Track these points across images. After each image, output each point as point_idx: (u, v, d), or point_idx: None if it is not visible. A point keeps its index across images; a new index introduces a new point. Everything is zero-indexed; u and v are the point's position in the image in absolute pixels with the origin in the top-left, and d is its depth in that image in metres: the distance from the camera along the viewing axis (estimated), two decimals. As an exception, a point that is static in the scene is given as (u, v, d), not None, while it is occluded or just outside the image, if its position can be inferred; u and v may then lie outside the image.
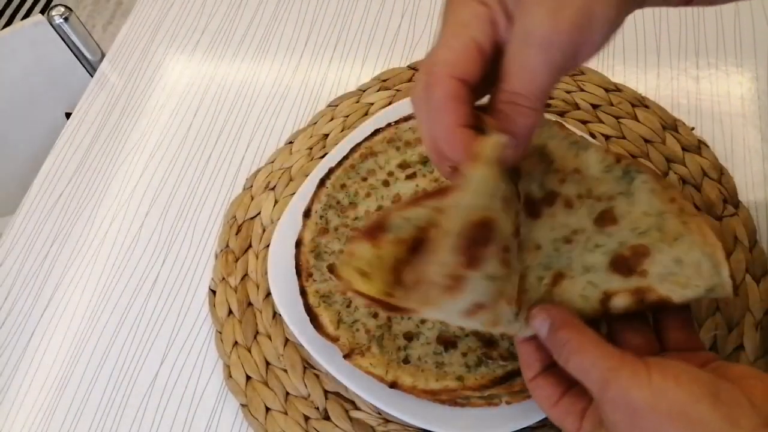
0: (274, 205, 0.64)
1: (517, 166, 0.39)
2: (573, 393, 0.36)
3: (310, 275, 0.55)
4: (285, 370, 0.56)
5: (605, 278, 0.38)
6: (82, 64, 0.91)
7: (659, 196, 0.39)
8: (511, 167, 0.36)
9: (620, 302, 0.37)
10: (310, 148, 0.68)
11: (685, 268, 0.37)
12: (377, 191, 0.59)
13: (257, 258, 0.62)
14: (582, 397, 0.36)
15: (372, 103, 0.70)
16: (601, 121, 0.64)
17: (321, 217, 0.58)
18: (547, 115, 0.60)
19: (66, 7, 0.88)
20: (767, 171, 0.60)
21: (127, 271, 0.64)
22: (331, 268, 0.56)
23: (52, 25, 0.88)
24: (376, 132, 0.61)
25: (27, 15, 2.27)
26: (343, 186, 0.59)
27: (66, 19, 0.87)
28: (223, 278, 0.61)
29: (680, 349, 0.38)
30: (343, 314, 0.53)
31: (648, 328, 0.39)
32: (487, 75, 0.34)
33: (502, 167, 0.33)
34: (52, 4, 2.10)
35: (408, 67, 0.72)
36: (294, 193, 0.62)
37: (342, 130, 0.68)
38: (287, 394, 0.55)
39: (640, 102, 0.65)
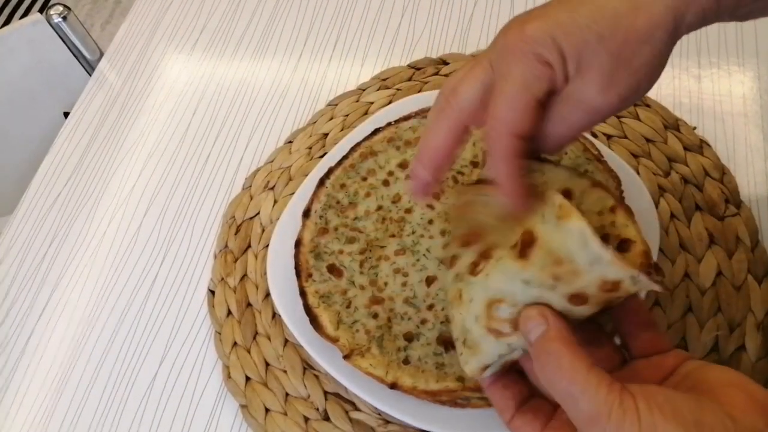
0: (274, 205, 0.64)
1: None
2: (553, 425, 0.36)
3: (310, 275, 0.55)
4: (284, 371, 0.56)
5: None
6: (80, 63, 0.91)
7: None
8: None
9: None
10: (310, 148, 0.67)
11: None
12: (377, 191, 0.58)
13: (256, 258, 0.61)
14: (565, 427, 0.35)
15: (372, 103, 0.69)
16: (602, 121, 0.64)
17: (321, 216, 0.58)
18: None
19: (64, 6, 0.88)
20: (769, 170, 0.60)
21: (126, 271, 0.64)
22: (331, 268, 0.55)
23: (50, 24, 0.87)
24: (376, 131, 0.61)
25: (25, 14, 2.26)
26: (342, 186, 0.59)
27: (64, 18, 0.87)
28: (222, 278, 0.61)
29: (648, 354, 0.37)
30: (342, 315, 0.53)
31: (608, 338, 0.39)
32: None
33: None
34: (51, 3, 2.10)
35: (408, 66, 0.72)
36: (293, 193, 0.61)
37: (341, 130, 0.68)
38: (287, 394, 0.55)
39: (641, 101, 0.65)
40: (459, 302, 0.39)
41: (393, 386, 0.49)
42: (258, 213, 0.64)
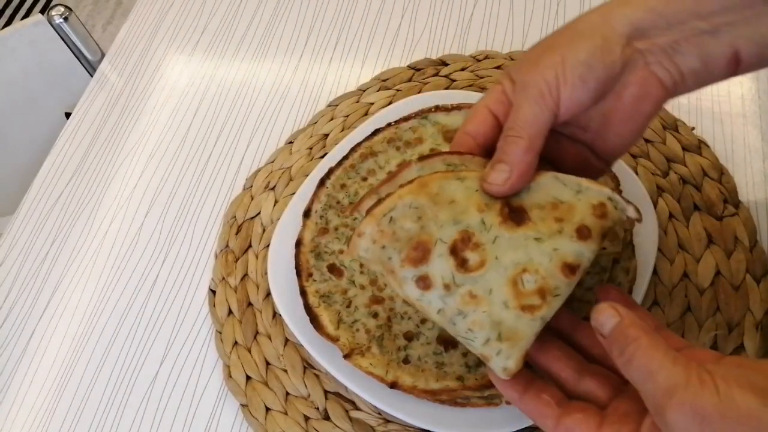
0: (274, 205, 0.64)
1: None
2: (611, 420, 0.36)
3: (310, 275, 0.55)
4: (285, 371, 0.56)
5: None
6: (81, 64, 0.91)
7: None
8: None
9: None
10: (310, 148, 0.68)
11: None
12: (377, 191, 0.58)
13: (257, 258, 0.62)
14: (626, 421, 0.36)
15: (372, 103, 0.70)
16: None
17: (321, 217, 0.58)
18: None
19: (66, 6, 0.88)
20: (767, 171, 0.60)
21: (127, 271, 0.64)
22: (332, 268, 0.56)
23: (51, 24, 0.88)
24: (376, 132, 0.61)
25: (27, 15, 2.27)
26: (343, 186, 0.59)
27: (66, 19, 0.87)
28: (223, 278, 0.61)
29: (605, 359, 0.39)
30: (343, 314, 0.53)
31: (567, 354, 0.40)
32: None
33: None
34: (52, 3, 2.10)
35: (408, 66, 0.72)
36: (294, 193, 0.62)
37: (342, 130, 0.68)
38: (287, 394, 0.55)
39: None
40: (476, 303, 0.39)
41: (393, 385, 0.49)
42: (259, 213, 0.64)
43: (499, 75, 0.43)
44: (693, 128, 0.63)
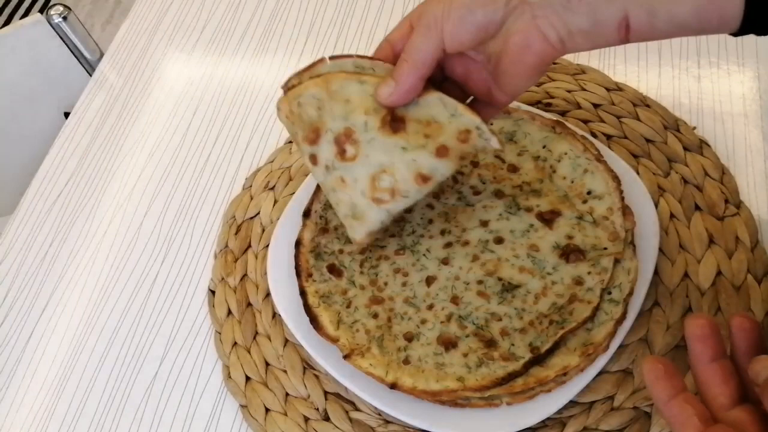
0: (274, 205, 0.64)
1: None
2: None
3: (310, 275, 0.55)
4: (285, 371, 0.56)
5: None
6: (80, 63, 0.91)
7: None
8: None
9: None
10: (310, 148, 0.67)
11: None
12: (377, 191, 0.58)
13: (257, 258, 0.61)
14: None
15: (372, 103, 0.69)
16: (602, 121, 0.64)
17: (321, 216, 0.58)
18: (546, 114, 0.60)
19: (65, 6, 0.88)
20: (769, 170, 0.60)
21: (126, 271, 0.64)
22: (331, 268, 0.55)
23: (50, 24, 0.87)
24: (376, 131, 0.61)
25: (26, 14, 2.26)
26: (342, 186, 0.59)
27: (65, 18, 0.87)
28: (223, 278, 0.61)
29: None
30: (342, 315, 0.53)
31: (732, 379, 0.37)
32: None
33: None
34: (51, 3, 2.10)
35: (408, 66, 0.72)
36: (294, 193, 0.61)
37: (342, 130, 0.68)
38: (287, 394, 0.55)
39: (641, 101, 0.65)
40: (344, 186, 0.49)
41: (393, 386, 0.49)
42: (258, 213, 0.64)
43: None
44: (694, 128, 0.63)
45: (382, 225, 0.50)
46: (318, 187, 0.59)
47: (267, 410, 0.54)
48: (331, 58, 0.48)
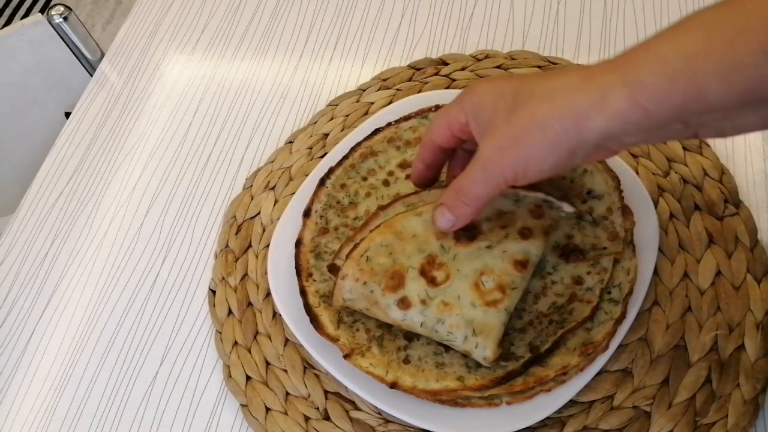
0: (274, 205, 0.64)
1: None
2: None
3: (310, 275, 0.55)
4: (285, 371, 0.56)
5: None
6: (81, 63, 0.91)
7: None
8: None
9: None
10: (310, 148, 0.68)
11: None
12: (377, 191, 0.58)
13: (257, 258, 0.61)
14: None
15: (372, 103, 0.70)
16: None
17: (321, 216, 0.58)
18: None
19: (65, 6, 0.88)
20: (768, 170, 0.60)
21: (127, 271, 0.64)
22: (331, 268, 0.55)
23: (51, 24, 0.87)
24: (377, 131, 0.61)
25: (26, 14, 2.27)
26: (343, 186, 0.59)
27: (65, 19, 0.87)
28: (223, 278, 0.61)
29: None
30: (343, 314, 0.53)
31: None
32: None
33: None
34: (52, 3, 2.10)
35: (408, 66, 0.72)
36: (294, 193, 0.62)
37: (342, 130, 0.68)
38: (287, 394, 0.55)
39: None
40: (449, 309, 0.47)
41: (393, 386, 0.49)
42: (259, 213, 0.64)
43: (461, 100, 0.46)
44: (693, 128, 0.63)
45: (504, 328, 0.48)
46: (318, 187, 0.59)
47: (267, 410, 0.54)
48: (380, 208, 0.52)
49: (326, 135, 0.68)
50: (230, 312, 0.59)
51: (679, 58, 0.34)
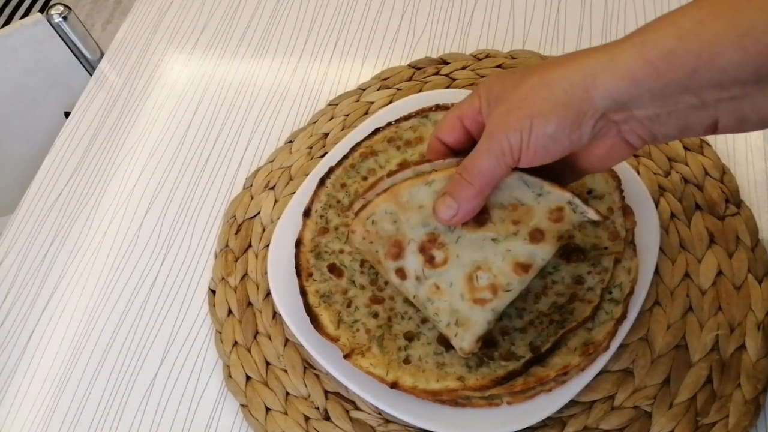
0: (274, 205, 0.64)
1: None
2: None
3: (310, 275, 0.55)
4: (285, 371, 0.56)
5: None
6: (81, 63, 0.91)
7: None
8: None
9: None
10: (310, 147, 0.67)
11: None
12: (378, 190, 0.58)
13: (257, 258, 0.61)
14: None
15: (372, 102, 0.69)
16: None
17: (321, 216, 0.58)
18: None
19: (65, 5, 0.88)
20: (769, 170, 0.60)
21: (127, 271, 0.64)
22: (332, 268, 0.55)
23: (51, 24, 0.87)
24: (377, 131, 0.61)
25: (26, 14, 2.26)
26: (343, 185, 0.59)
27: (65, 18, 0.87)
28: (223, 278, 0.61)
29: None
30: (343, 314, 0.53)
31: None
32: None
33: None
34: (51, 2, 2.10)
35: (408, 65, 0.72)
36: (294, 193, 0.61)
37: (342, 129, 0.68)
38: (287, 394, 0.55)
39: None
40: (439, 293, 0.46)
41: (393, 386, 0.49)
42: (258, 212, 0.64)
43: (478, 87, 0.44)
44: (694, 127, 0.63)
45: (489, 326, 0.46)
46: (318, 187, 0.59)
47: (267, 410, 0.54)
48: (388, 174, 0.47)
49: (326, 135, 0.68)
50: (230, 312, 0.59)
51: (688, 20, 0.34)
